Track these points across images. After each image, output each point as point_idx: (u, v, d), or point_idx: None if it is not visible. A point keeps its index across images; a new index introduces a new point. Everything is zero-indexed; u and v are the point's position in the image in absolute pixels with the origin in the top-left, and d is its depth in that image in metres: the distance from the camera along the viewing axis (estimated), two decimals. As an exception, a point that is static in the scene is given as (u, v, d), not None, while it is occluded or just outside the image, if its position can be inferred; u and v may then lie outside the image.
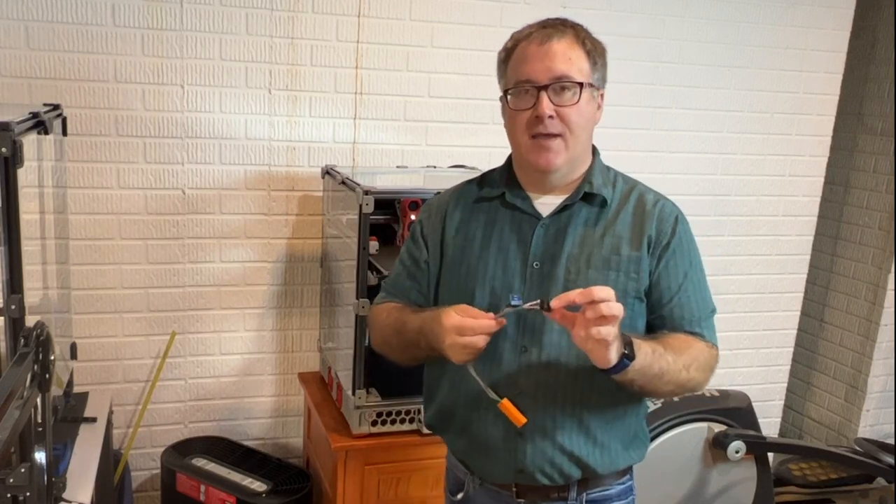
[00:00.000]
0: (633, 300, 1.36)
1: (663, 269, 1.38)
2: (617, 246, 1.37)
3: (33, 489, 1.23)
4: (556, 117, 1.31)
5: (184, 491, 2.29)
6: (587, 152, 1.43)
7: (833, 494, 2.89)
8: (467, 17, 2.54)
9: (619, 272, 1.36)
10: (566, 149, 1.34)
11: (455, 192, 1.53)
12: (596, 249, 1.37)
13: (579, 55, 1.33)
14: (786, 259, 3.13)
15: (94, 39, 2.23)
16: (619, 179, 1.46)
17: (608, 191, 1.41)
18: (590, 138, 1.41)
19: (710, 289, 1.45)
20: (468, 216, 1.46)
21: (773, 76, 2.93)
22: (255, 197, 2.47)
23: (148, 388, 2.47)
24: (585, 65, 1.33)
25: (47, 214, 2.03)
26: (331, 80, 2.46)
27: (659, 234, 1.38)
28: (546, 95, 1.31)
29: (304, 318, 2.61)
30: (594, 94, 1.36)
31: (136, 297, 2.43)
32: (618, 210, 1.40)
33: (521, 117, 1.34)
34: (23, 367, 1.27)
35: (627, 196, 1.42)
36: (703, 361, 1.37)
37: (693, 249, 1.43)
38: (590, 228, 1.38)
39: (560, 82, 1.31)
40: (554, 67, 1.31)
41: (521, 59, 1.36)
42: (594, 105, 1.37)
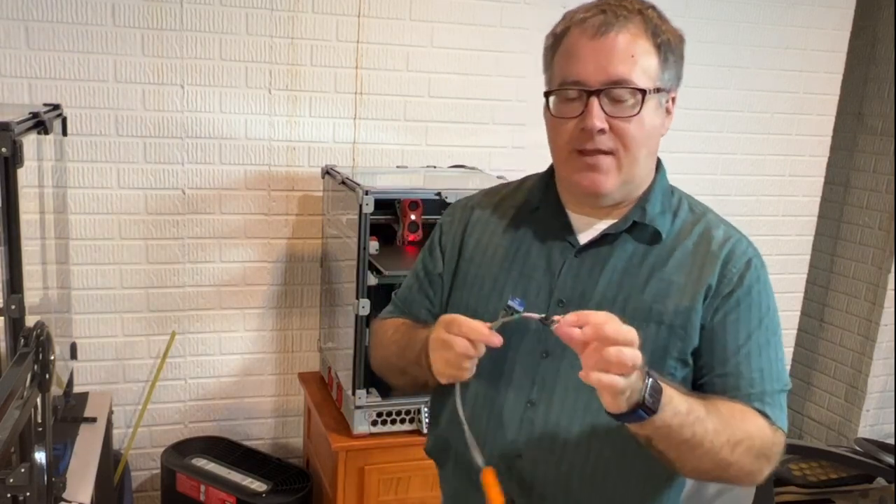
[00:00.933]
0: (674, 362, 1.08)
1: (720, 324, 1.08)
2: (664, 293, 1.08)
3: (33, 489, 1.23)
4: (608, 131, 1.04)
5: (184, 491, 2.29)
6: (648, 171, 1.14)
7: (833, 494, 2.88)
8: (467, 17, 2.54)
9: (660, 325, 1.07)
10: (619, 170, 1.07)
11: (484, 197, 1.29)
12: (636, 294, 1.09)
13: (646, 50, 1.05)
14: (786, 259, 3.13)
15: (94, 39, 2.23)
16: (683, 206, 1.17)
17: (665, 221, 1.13)
18: (653, 155, 1.14)
19: (784, 359, 1.14)
20: (494, 228, 1.22)
21: (773, 76, 2.93)
22: (255, 197, 2.47)
23: (148, 388, 2.47)
24: (654, 63, 1.05)
25: (47, 214, 2.04)
26: (331, 80, 2.46)
27: (721, 282, 1.09)
28: (597, 103, 1.03)
29: (304, 318, 2.61)
30: (662, 101, 1.09)
31: (136, 297, 2.43)
32: (673, 247, 1.11)
33: (565, 128, 1.07)
34: (23, 367, 1.27)
35: (690, 230, 1.13)
36: (760, 445, 1.03)
37: (767, 305, 1.11)
38: (634, 267, 1.11)
39: (617, 88, 1.04)
40: (610, 69, 1.03)
41: (570, 53, 1.07)
42: (661, 113, 1.10)
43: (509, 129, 2.64)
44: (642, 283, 1.09)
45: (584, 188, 1.09)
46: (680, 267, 1.10)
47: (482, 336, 1.00)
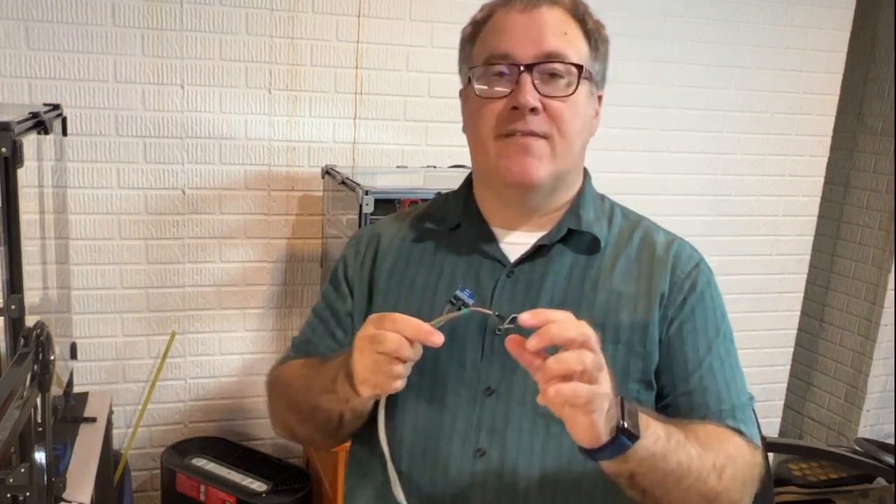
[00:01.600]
0: (636, 384, 0.96)
1: (677, 336, 0.98)
2: (615, 307, 0.96)
3: (33, 489, 1.23)
4: (541, 111, 0.93)
5: (184, 491, 2.28)
6: (577, 172, 1.04)
7: (833, 494, 2.88)
8: (467, 17, 2.52)
9: (617, 344, 0.95)
10: (553, 157, 0.95)
11: (392, 221, 1.13)
12: (584, 311, 0.94)
13: (577, 33, 0.96)
14: (786, 259, 3.13)
15: (94, 39, 2.23)
16: (616, 213, 1.06)
17: (601, 228, 1.01)
18: (583, 152, 1.02)
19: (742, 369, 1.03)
20: (409, 254, 1.06)
21: (773, 76, 2.93)
22: (255, 197, 2.47)
23: (148, 388, 2.47)
24: (585, 47, 0.97)
25: (47, 214, 2.04)
26: (331, 80, 2.46)
27: (672, 289, 0.99)
28: (530, 79, 0.92)
29: (304, 318, 2.59)
30: (593, 92, 0.99)
31: (136, 297, 2.43)
32: (615, 255, 1.00)
33: (491, 109, 0.95)
34: (23, 367, 1.27)
35: (629, 236, 1.03)
36: (743, 468, 0.92)
37: (720, 312, 1.03)
38: (575, 280, 0.98)
39: (551, 62, 0.93)
40: (543, 42, 0.93)
41: (497, 29, 0.97)
42: (592, 107, 1.00)
43: (509, 129, 2.64)
44: (589, 297, 0.97)
45: (513, 176, 0.94)
46: (626, 276, 0.98)
47: (420, 333, 0.82)
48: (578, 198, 1.03)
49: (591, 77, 0.98)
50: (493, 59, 0.95)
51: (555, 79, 0.94)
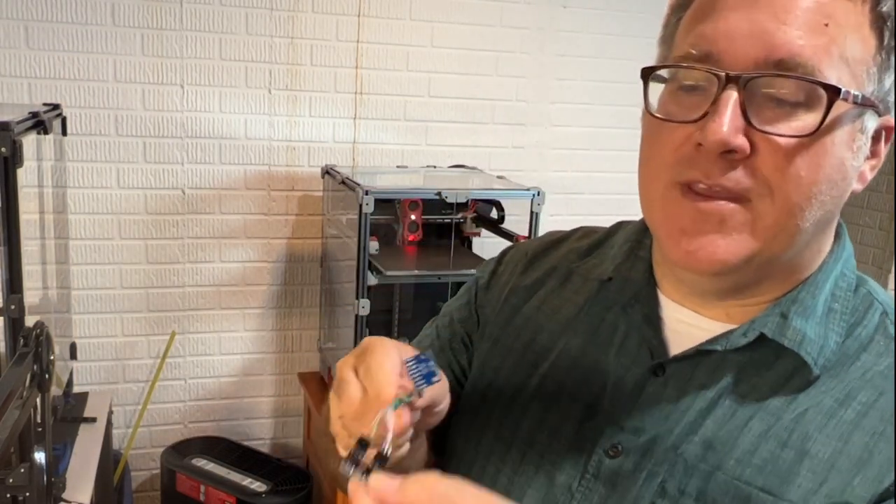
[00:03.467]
0: None
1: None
2: (787, 472, 0.58)
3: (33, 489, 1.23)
4: (747, 155, 0.55)
5: (184, 491, 2.28)
6: (815, 250, 0.63)
7: (833, 494, 2.88)
8: (467, 17, 2.53)
9: None
10: (753, 234, 0.57)
11: (547, 246, 0.81)
12: (733, 462, 0.60)
13: (855, 23, 0.55)
14: (786, 259, 3.13)
15: (93, 39, 2.23)
16: (872, 318, 0.62)
17: (824, 343, 0.61)
18: (830, 220, 0.61)
19: None
20: (540, 301, 0.76)
21: (774, 76, 2.92)
22: (255, 197, 2.47)
23: (148, 388, 2.47)
24: (865, 50, 0.56)
25: (47, 214, 2.04)
26: (331, 80, 2.46)
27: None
28: (738, 99, 0.55)
29: (304, 318, 2.61)
30: (868, 125, 0.58)
31: (136, 297, 2.42)
32: (828, 390, 0.60)
33: (669, 137, 0.60)
34: (22, 367, 1.27)
35: (875, 360, 0.61)
36: None
37: None
38: (744, 413, 0.61)
39: (783, 76, 0.54)
40: (779, 36, 0.54)
41: (707, 8, 0.58)
42: (860, 150, 0.58)
43: (509, 129, 2.64)
44: (751, 444, 0.60)
45: (683, 257, 0.59)
46: (828, 428, 0.59)
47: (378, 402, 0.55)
48: (804, 286, 0.63)
49: (872, 104, 0.56)
50: (689, 60, 0.58)
51: (789, 106, 0.55)
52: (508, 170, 2.59)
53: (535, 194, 2.12)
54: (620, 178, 2.77)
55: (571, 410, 0.67)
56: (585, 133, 2.72)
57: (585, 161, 2.75)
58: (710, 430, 0.61)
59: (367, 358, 0.58)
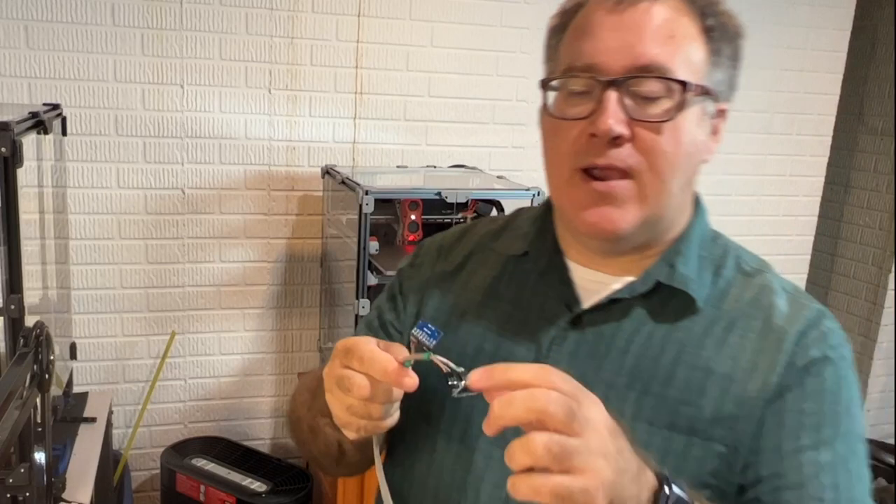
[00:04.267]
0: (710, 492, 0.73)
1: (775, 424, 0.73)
2: (698, 388, 0.74)
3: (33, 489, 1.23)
4: (628, 140, 0.72)
5: (183, 491, 2.28)
6: (681, 210, 0.81)
7: (833, 494, 2.88)
8: (467, 16, 2.53)
9: (692, 437, 0.73)
10: (641, 201, 0.74)
11: (459, 237, 0.95)
12: (656, 386, 0.75)
13: (690, 34, 0.74)
14: (786, 259, 3.13)
15: (93, 39, 2.23)
16: (728, 262, 0.82)
17: (702, 283, 0.79)
18: (689, 186, 0.79)
19: (869, 478, 0.77)
20: (465, 280, 0.89)
21: (774, 76, 2.92)
22: (255, 197, 2.47)
23: (148, 388, 2.47)
24: (700, 54, 0.75)
25: (47, 214, 2.03)
26: (331, 80, 2.46)
27: (787, 375, 0.74)
28: (616, 98, 0.71)
29: (304, 318, 2.61)
30: (708, 110, 0.76)
31: (136, 297, 2.42)
32: (713, 320, 0.77)
33: (566, 134, 0.74)
34: (22, 367, 1.27)
35: (739, 295, 0.79)
36: None
37: (847, 399, 0.75)
38: (655, 347, 0.76)
39: (647, 77, 0.71)
40: (639, 49, 0.71)
41: (581, 30, 0.75)
42: (705, 128, 0.77)
43: (509, 129, 2.64)
44: (666, 370, 0.75)
45: (588, 228, 0.75)
46: (721, 349, 0.75)
47: (387, 376, 0.65)
48: (680, 241, 0.80)
49: (709, 92, 0.75)
50: (574, 71, 0.74)
51: (652, 97, 0.72)
52: (508, 170, 2.59)
53: (535, 194, 2.13)
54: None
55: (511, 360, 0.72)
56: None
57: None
58: (631, 363, 0.76)
59: (354, 352, 0.67)
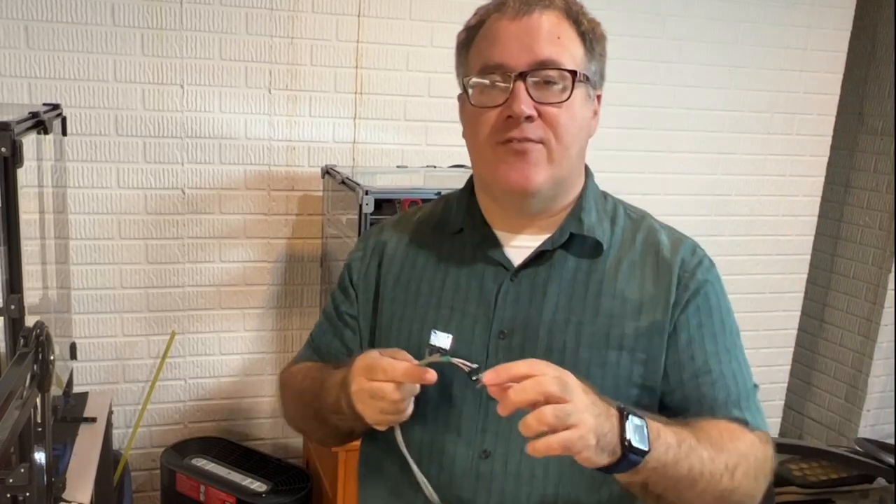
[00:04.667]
0: (639, 390, 0.97)
1: (685, 336, 0.98)
2: (620, 313, 0.97)
3: (33, 489, 1.23)
4: (536, 118, 0.93)
5: (184, 491, 2.28)
6: (578, 174, 1.03)
7: (833, 494, 2.88)
8: (467, 16, 2.53)
9: (621, 351, 0.96)
10: (550, 162, 0.95)
11: (397, 224, 1.14)
12: (588, 316, 0.97)
13: (571, 35, 0.96)
14: (786, 259, 3.13)
15: (93, 39, 2.23)
16: (619, 213, 1.06)
17: (604, 230, 1.01)
18: (582, 154, 1.02)
19: (746, 358, 1.04)
20: (413, 259, 1.07)
21: (773, 76, 2.92)
22: (255, 197, 2.47)
23: (148, 388, 2.47)
24: (580, 50, 0.96)
25: (47, 214, 2.03)
26: (331, 80, 2.46)
27: (679, 292, 0.98)
28: (524, 87, 0.92)
29: (304, 318, 2.61)
30: (590, 94, 0.99)
31: (136, 297, 2.42)
32: (619, 258, 1.00)
33: (487, 118, 0.96)
34: (22, 367, 1.27)
35: (633, 237, 1.02)
36: (755, 464, 0.94)
37: (726, 306, 1.03)
38: (579, 286, 0.98)
39: (545, 69, 0.93)
40: (536, 48, 0.93)
41: (489, 38, 0.97)
42: (589, 109, 0.99)
43: (509, 129, 2.64)
44: (593, 303, 0.97)
45: (511, 183, 0.95)
46: (631, 280, 0.98)
47: (412, 377, 0.87)
48: (580, 200, 1.02)
49: (588, 79, 0.97)
50: (487, 70, 0.96)
51: (549, 85, 0.94)
52: (508, 170, 2.59)
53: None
54: (618, 177, 2.77)
55: (466, 317, 1.00)
56: (585, 133, 2.73)
57: (585, 161, 2.75)
58: (564, 302, 0.98)
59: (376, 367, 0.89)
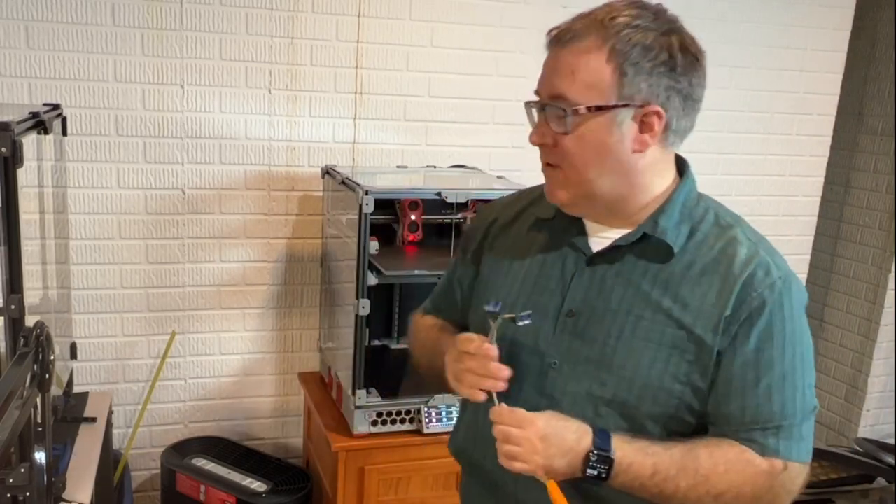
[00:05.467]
0: (681, 386, 1.04)
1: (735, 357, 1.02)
2: (678, 315, 1.03)
3: (33, 489, 1.24)
4: (552, 145, 1.05)
5: (184, 491, 2.29)
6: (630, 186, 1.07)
7: (833, 494, 2.88)
8: (467, 17, 2.53)
9: (672, 349, 1.03)
10: (566, 183, 1.06)
11: (506, 205, 1.28)
12: (649, 313, 1.05)
13: (594, 67, 0.99)
14: (786, 259, 3.13)
15: (93, 39, 2.23)
16: (707, 219, 1.10)
17: (679, 235, 1.06)
18: (617, 172, 1.05)
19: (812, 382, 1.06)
20: (514, 238, 1.22)
21: (773, 76, 2.92)
22: (255, 197, 2.47)
23: (148, 388, 2.47)
24: (605, 77, 0.99)
25: (47, 214, 2.03)
26: (331, 80, 2.46)
27: (738, 310, 1.02)
28: (542, 118, 1.05)
29: (304, 318, 2.61)
30: (622, 116, 1.01)
31: (136, 297, 2.43)
32: (690, 263, 1.05)
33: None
34: (23, 367, 1.27)
35: (713, 244, 1.06)
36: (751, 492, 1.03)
37: (793, 332, 1.03)
38: (647, 283, 1.06)
39: (552, 104, 1.03)
40: (552, 82, 1.03)
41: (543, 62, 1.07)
42: (622, 129, 1.02)
43: (509, 129, 2.64)
44: (654, 302, 1.05)
45: (547, 195, 1.12)
46: (696, 287, 1.04)
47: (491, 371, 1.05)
48: (666, 203, 1.09)
49: (611, 106, 1.01)
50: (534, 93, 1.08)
51: (560, 116, 1.02)
52: (508, 170, 2.59)
53: (535, 194, 2.12)
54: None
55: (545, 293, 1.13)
56: (585, 133, 2.73)
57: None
58: (630, 294, 1.07)
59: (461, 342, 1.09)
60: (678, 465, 1.01)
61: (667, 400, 1.03)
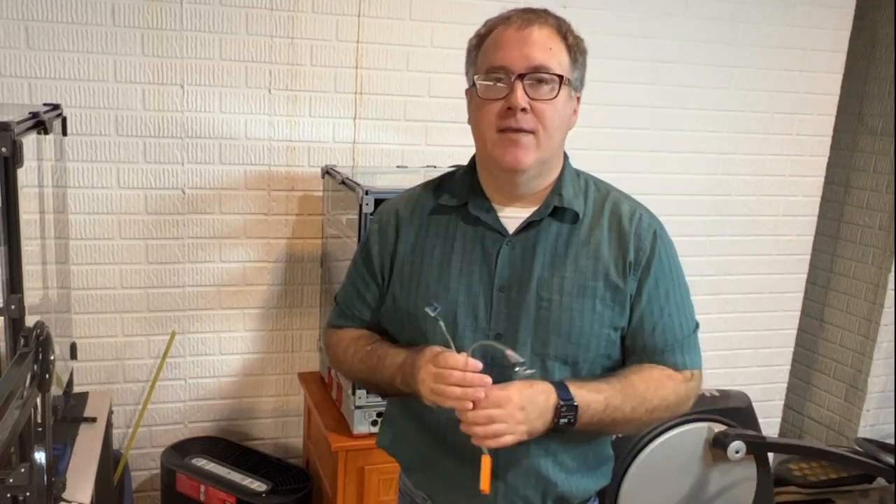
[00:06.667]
0: (608, 330, 1.25)
1: (644, 295, 1.26)
2: (593, 270, 1.24)
3: (33, 489, 1.24)
4: (529, 111, 1.18)
5: (184, 491, 2.29)
6: (558, 158, 1.29)
7: (833, 494, 2.88)
8: (467, 17, 2.53)
9: (595, 299, 1.23)
10: (537, 148, 1.20)
11: (409, 200, 1.37)
12: (570, 273, 1.23)
13: (560, 48, 1.20)
14: (786, 259, 3.13)
15: (93, 39, 2.23)
16: (590, 187, 1.31)
17: (580, 202, 1.27)
18: (562, 143, 1.27)
19: (692, 303, 1.33)
20: (425, 229, 1.31)
21: (774, 76, 2.93)
22: (255, 197, 2.47)
23: (148, 388, 2.47)
24: (566, 59, 1.21)
25: (47, 214, 2.03)
26: (331, 80, 2.46)
27: (638, 255, 1.25)
28: (521, 86, 1.17)
29: (304, 318, 2.61)
30: (571, 95, 1.24)
31: (136, 297, 2.43)
32: (592, 225, 1.26)
33: (490, 108, 1.20)
34: (23, 367, 1.27)
35: (601, 207, 1.28)
36: (676, 400, 1.27)
37: (675, 266, 1.30)
38: (561, 248, 1.25)
39: (538, 73, 1.17)
40: (533, 56, 1.17)
41: (495, 45, 1.21)
42: (570, 107, 1.24)
43: (509, 129, 2.64)
44: (573, 262, 1.24)
45: (506, 163, 1.20)
46: (602, 243, 1.25)
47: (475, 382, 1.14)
48: (560, 179, 1.28)
49: (570, 83, 1.22)
50: (493, 70, 1.20)
51: (540, 85, 1.18)
52: (508, 170, 2.59)
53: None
54: (619, 177, 2.76)
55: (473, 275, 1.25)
56: (584, 133, 2.72)
57: (584, 160, 2.71)
58: (549, 260, 1.24)
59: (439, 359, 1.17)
60: (621, 395, 1.21)
61: (598, 344, 1.23)
